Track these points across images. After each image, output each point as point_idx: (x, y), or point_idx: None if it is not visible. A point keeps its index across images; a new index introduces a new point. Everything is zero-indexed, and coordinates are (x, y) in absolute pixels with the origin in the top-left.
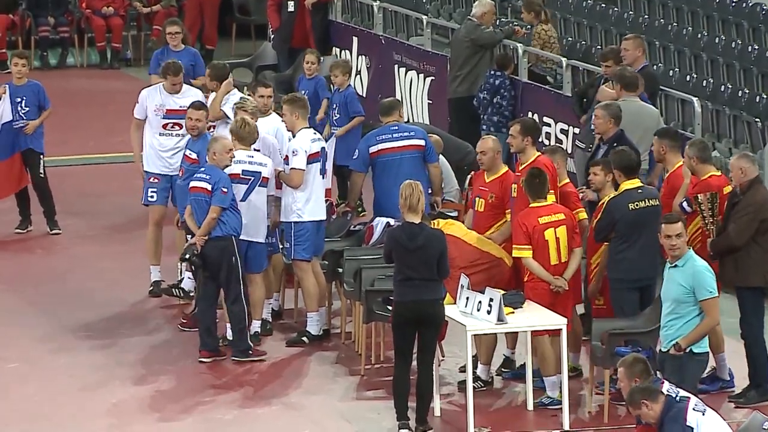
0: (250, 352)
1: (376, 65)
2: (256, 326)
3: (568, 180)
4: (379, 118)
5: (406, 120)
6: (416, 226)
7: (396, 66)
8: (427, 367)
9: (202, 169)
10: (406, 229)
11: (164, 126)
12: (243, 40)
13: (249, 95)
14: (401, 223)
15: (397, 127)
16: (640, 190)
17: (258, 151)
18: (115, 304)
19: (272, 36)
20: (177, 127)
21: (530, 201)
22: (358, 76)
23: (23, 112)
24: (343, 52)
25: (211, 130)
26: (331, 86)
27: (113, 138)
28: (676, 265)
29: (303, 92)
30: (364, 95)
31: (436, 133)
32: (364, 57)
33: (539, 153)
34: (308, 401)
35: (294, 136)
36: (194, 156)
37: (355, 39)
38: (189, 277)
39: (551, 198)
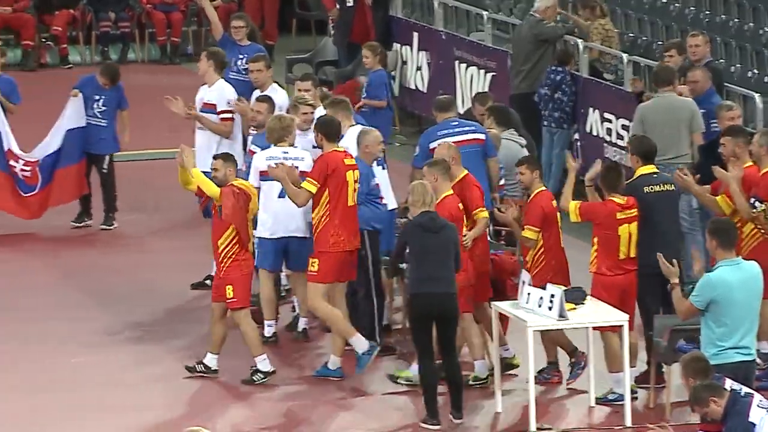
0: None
1: (437, 61)
2: (303, 323)
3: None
4: (435, 114)
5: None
6: (433, 212)
7: (456, 62)
8: (452, 358)
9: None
10: (424, 216)
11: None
12: (303, 36)
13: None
14: (417, 215)
15: (457, 122)
16: (655, 175)
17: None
18: (177, 298)
19: (332, 31)
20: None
21: (606, 194)
22: (419, 71)
23: (99, 111)
24: (403, 47)
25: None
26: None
27: (175, 133)
28: None
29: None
30: (425, 91)
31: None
32: (424, 53)
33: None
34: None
35: (342, 136)
36: (258, 150)
37: (415, 35)
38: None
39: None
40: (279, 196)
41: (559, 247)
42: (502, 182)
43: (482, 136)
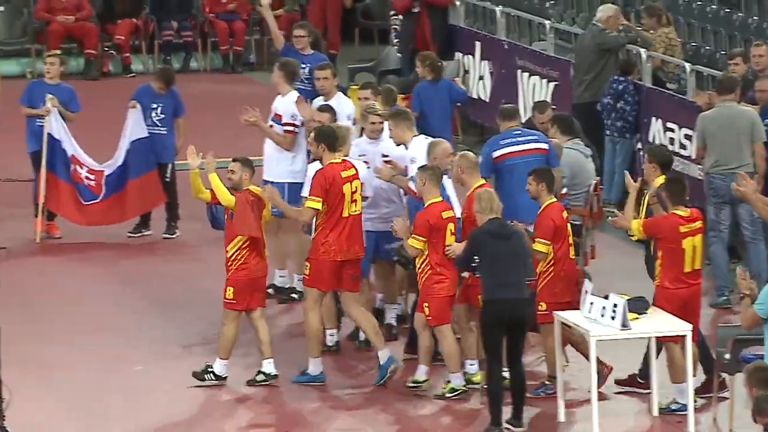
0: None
1: (499, 70)
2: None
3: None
4: (498, 123)
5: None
6: (502, 219)
7: (519, 71)
8: (520, 366)
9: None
10: (493, 223)
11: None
12: (366, 45)
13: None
14: (486, 222)
15: (520, 131)
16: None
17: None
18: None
19: (395, 40)
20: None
21: (670, 207)
22: (481, 81)
23: (158, 119)
24: (466, 57)
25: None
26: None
27: (238, 142)
28: None
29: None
30: (487, 100)
31: None
32: (486, 62)
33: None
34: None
35: (407, 147)
36: None
37: (477, 44)
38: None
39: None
40: None
41: (568, 258)
42: (564, 191)
43: (545, 146)
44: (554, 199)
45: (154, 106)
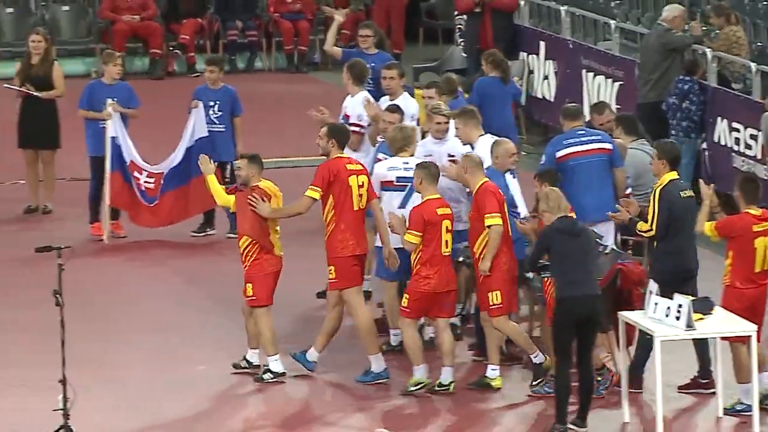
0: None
1: (564, 70)
2: (429, 332)
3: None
4: (562, 122)
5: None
6: (571, 216)
7: (584, 71)
8: (589, 366)
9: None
10: (562, 221)
11: None
12: (430, 45)
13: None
14: (555, 220)
15: (584, 131)
16: (681, 181)
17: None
18: (302, 306)
19: (459, 39)
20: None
21: (743, 206)
22: (546, 80)
23: (216, 116)
24: (530, 56)
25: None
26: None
27: (303, 141)
28: None
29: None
30: (552, 100)
31: None
32: (551, 62)
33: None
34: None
35: (474, 147)
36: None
37: (542, 44)
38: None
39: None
40: (399, 207)
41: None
42: (629, 191)
43: (609, 146)
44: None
45: (212, 103)
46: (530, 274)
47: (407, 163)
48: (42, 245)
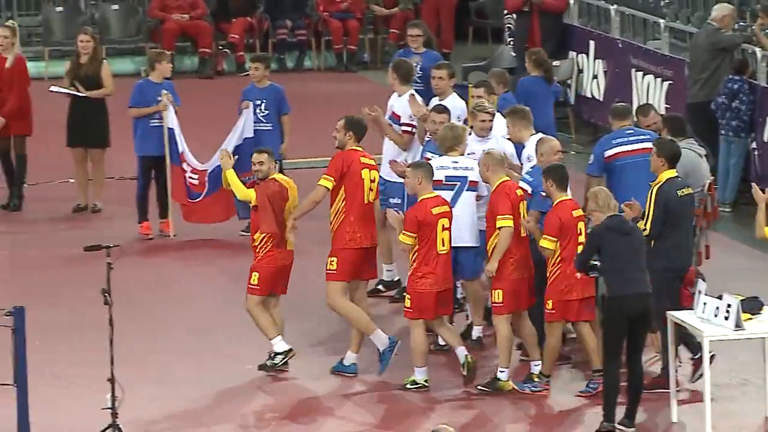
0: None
1: (613, 69)
2: (477, 331)
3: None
4: (611, 122)
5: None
6: (620, 215)
7: (633, 70)
8: (639, 364)
9: (530, 169)
10: (612, 220)
11: None
12: (480, 44)
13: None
14: (605, 219)
15: (632, 131)
16: (679, 179)
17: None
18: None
19: (509, 39)
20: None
21: None
22: (595, 80)
23: (262, 115)
24: (579, 55)
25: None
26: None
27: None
28: None
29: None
30: (601, 99)
31: None
32: (600, 61)
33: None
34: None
35: (524, 146)
36: (433, 157)
37: (591, 43)
38: (389, 270)
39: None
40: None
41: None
42: None
43: None
44: (566, 197)
45: (258, 102)
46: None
47: (457, 162)
48: (91, 244)
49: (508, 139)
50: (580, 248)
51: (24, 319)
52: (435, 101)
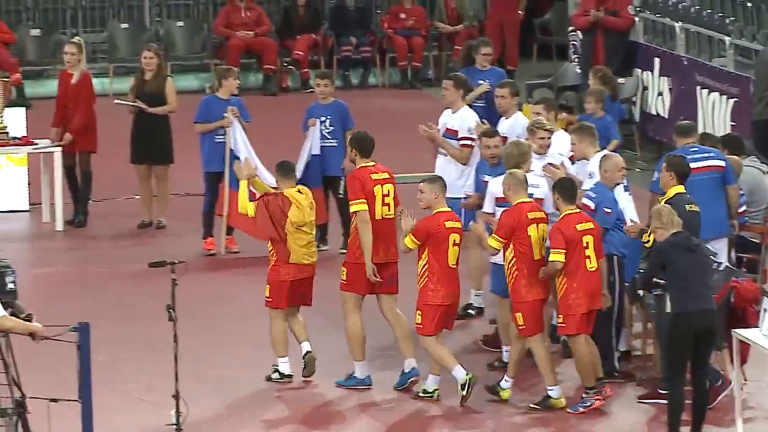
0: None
1: (678, 86)
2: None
3: None
4: (675, 139)
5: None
6: (685, 232)
7: (698, 87)
8: (703, 382)
9: (593, 185)
10: (678, 236)
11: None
12: (544, 61)
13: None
14: (670, 236)
15: (696, 148)
16: (688, 195)
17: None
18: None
19: (573, 56)
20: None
21: None
22: (660, 97)
23: (327, 131)
24: (644, 73)
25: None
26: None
27: (416, 158)
28: None
29: None
30: (666, 116)
31: None
32: (666, 78)
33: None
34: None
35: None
36: (489, 179)
37: (656, 60)
38: (476, 294)
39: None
40: None
41: (582, 270)
42: (743, 209)
43: (722, 163)
44: (572, 210)
45: (323, 118)
46: (641, 292)
47: None
48: (156, 260)
49: (570, 158)
50: (587, 262)
51: (89, 334)
52: (502, 120)
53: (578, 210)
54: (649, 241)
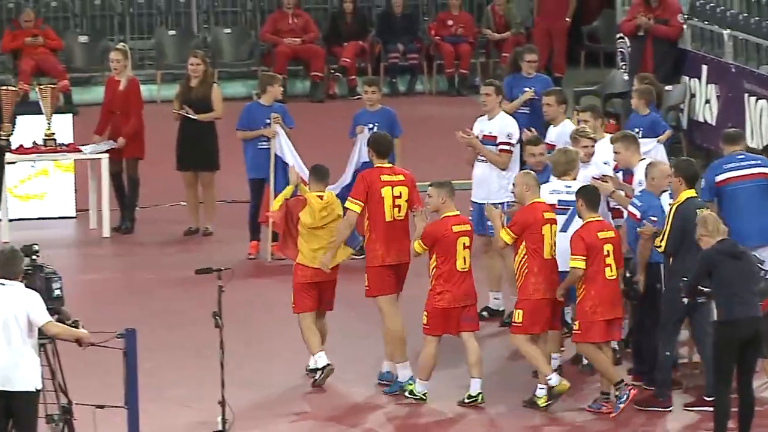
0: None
1: (726, 94)
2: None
3: None
4: (722, 147)
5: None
6: (731, 239)
7: (746, 95)
8: (750, 389)
9: (639, 193)
10: (723, 243)
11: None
12: (592, 68)
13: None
14: (716, 243)
15: (743, 156)
16: (698, 199)
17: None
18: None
19: (621, 63)
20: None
21: None
22: (707, 104)
23: None
24: (692, 80)
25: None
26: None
27: (462, 165)
28: None
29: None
30: (714, 124)
31: None
32: (713, 86)
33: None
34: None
35: (633, 172)
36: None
37: (704, 67)
38: (496, 298)
39: None
40: (560, 230)
41: (601, 278)
42: None
43: None
44: (594, 218)
45: (370, 125)
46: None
47: (570, 186)
48: (202, 267)
49: (614, 166)
50: (607, 270)
51: (135, 341)
52: (550, 128)
53: (600, 218)
54: (661, 246)
